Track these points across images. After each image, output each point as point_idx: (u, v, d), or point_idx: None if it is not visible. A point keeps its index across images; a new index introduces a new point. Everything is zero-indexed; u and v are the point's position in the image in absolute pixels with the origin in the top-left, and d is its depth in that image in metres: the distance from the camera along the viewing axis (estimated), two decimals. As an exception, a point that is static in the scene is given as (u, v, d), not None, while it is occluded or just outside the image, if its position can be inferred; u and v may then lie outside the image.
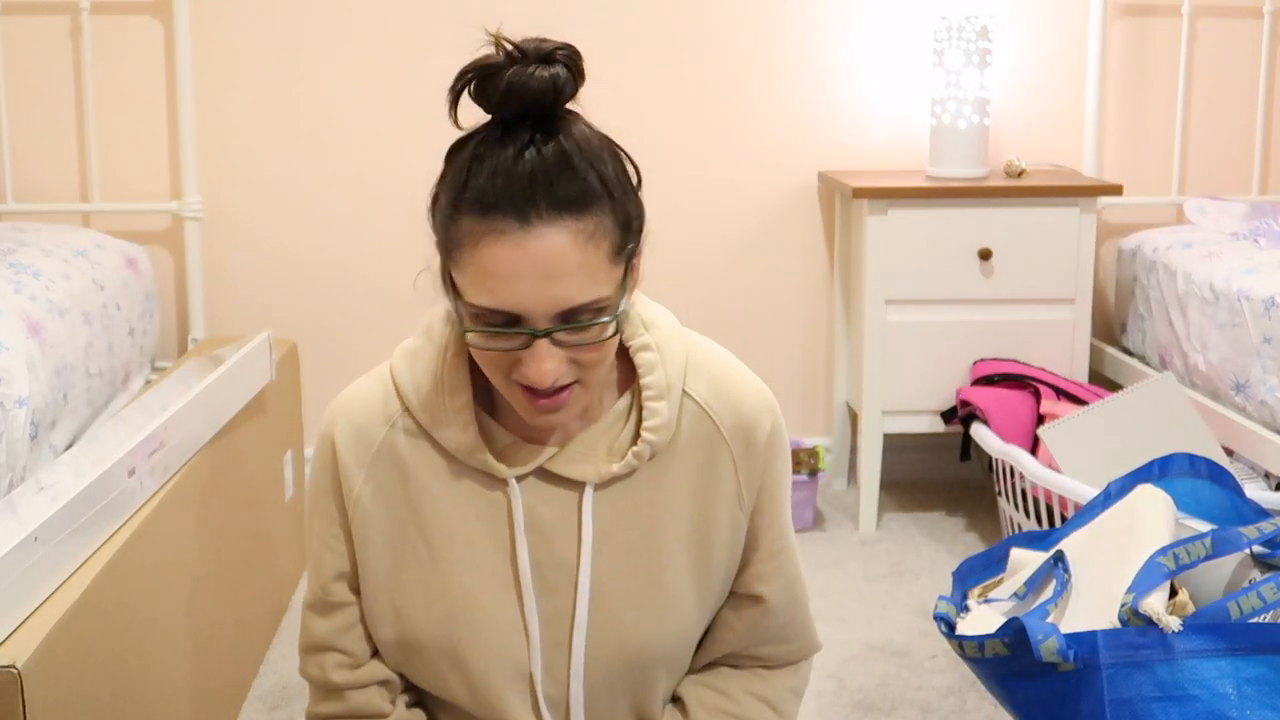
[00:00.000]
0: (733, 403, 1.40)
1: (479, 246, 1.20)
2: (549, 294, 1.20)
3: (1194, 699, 1.46)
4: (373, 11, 3.27)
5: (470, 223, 1.21)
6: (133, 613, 1.82)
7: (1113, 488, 1.88)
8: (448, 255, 1.25)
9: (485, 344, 1.24)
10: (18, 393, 2.00)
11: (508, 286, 1.20)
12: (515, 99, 1.22)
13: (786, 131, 3.40)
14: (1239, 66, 3.48)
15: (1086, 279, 3.15)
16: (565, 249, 1.20)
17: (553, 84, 1.23)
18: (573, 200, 1.20)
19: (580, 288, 1.21)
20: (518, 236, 1.19)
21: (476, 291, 1.22)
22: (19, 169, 3.22)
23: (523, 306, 1.21)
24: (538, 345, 1.22)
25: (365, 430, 1.38)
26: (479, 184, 1.21)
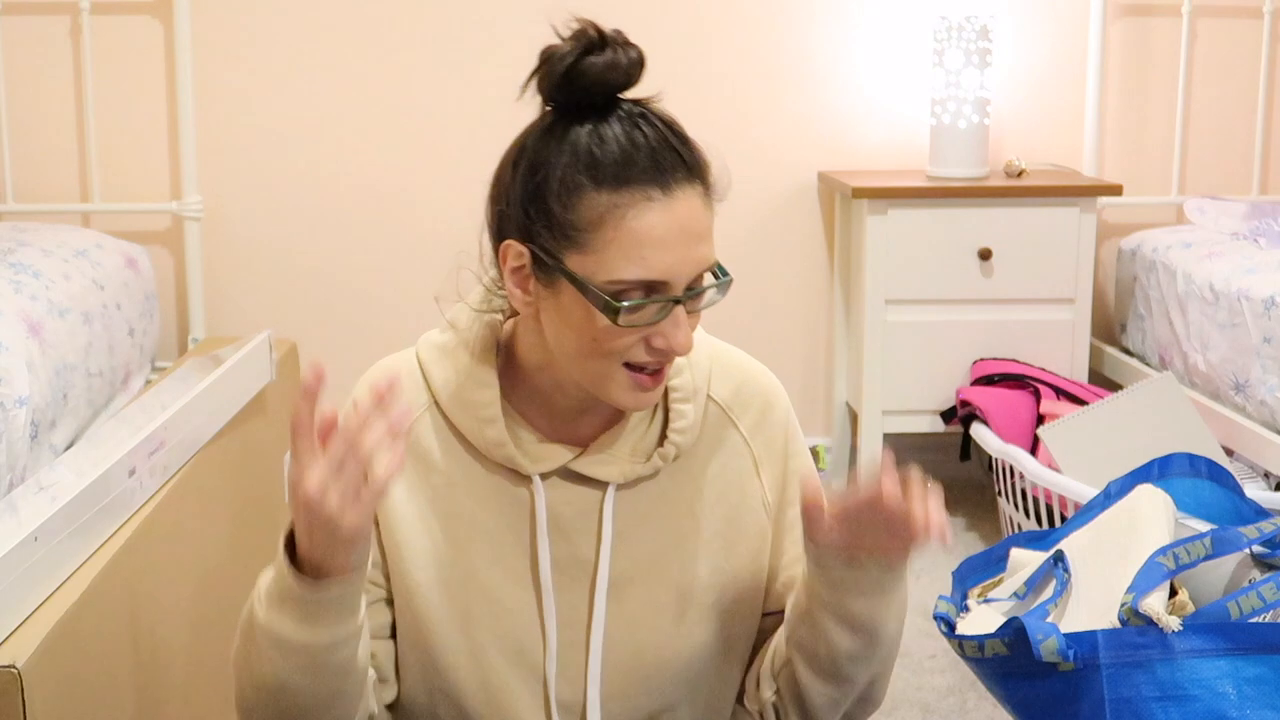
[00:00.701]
0: (755, 406, 1.42)
1: (624, 219, 1.22)
2: (694, 256, 1.24)
3: (1194, 699, 1.45)
4: (372, 12, 3.27)
5: (609, 195, 1.22)
6: (133, 613, 1.82)
7: (1113, 488, 1.88)
8: (571, 240, 1.23)
9: (636, 320, 1.24)
10: (18, 393, 2.00)
11: (661, 253, 1.22)
12: (615, 80, 1.26)
13: (786, 131, 3.40)
14: (1239, 66, 3.48)
15: (1086, 279, 3.15)
16: (700, 210, 1.25)
17: (640, 62, 1.28)
18: (696, 164, 1.26)
19: (709, 249, 1.26)
20: (665, 203, 1.22)
21: (624, 264, 1.22)
22: (19, 169, 3.22)
23: (672, 272, 1.23)
24: (677, 312, 1.24)
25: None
26: (611, 158, 1.23)
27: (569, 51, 1.25)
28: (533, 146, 1.27)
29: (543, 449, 1.35)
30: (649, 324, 1.24)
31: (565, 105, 1.27)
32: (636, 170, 1.22)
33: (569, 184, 1.23)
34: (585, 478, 1.36)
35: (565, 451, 1.35)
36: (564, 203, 1.23)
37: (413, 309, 3.39)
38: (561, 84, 1.25)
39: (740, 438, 1.41)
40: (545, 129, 1.27)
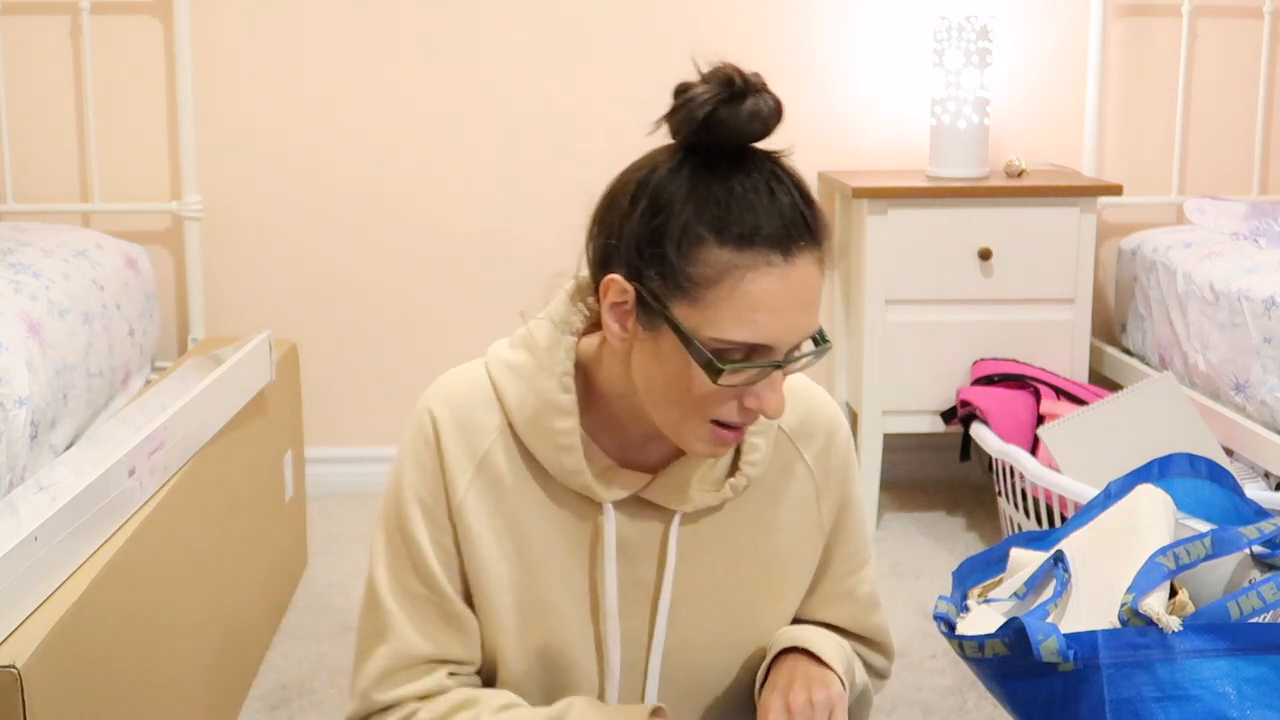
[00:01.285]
0: (821, 436, 1.42)
1: (744, 281, 1.19)
2: (803, 324, 1.23)
3: (1194, 699, 1.45)
4: (372, 12, 3.27)
5: (731, 255, 1.19)
6: (133, 613, 1.82)
7: (1113, 488, 1.88)
8: (683, 291, 1.21)
9: (736, 381, 1.22)
10: (18, 393, 2.00)
11: (773, 319, 1.20)
12: (753, 130, 1.22)
13: (786, 131, 3.39)
14: (1239, 66, 3.48)
15: (1086, 279, 3.15)
16: (815, 278, 1.23)
17: (778, 113, 1.23)
18: (820, 231, 1.23)
19: (816, 316, 1.25)
20: (784, 270, 1.20)
21: (734, 325, 1.20)
22: (19, 169, 3.22)
23: (781, 339, 1.21)
24: (775, 376, 1.23)
25: (472, 436, 1.35)
26: (739, 217, 1.20)
27: (710, 97, 1.21)
28: (657, 185, 1.24)
29: (614, 476, 1.34)
30: (745, 385, 1.23)
31: (697, 148, 1.23)
32: (763, 234, 1.19)
33: (691, 235, 1.20)
34: (653, 505, 1.36)
35: (635, 479, 1.35)
36: (683, 252, 1.20)
37: (413, 308, 3.39)
38: (699, 129, 1.22)
39: (806, 467, 1.41)
40: (673, 169, 1.24)
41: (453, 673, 1.36)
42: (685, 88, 1.23)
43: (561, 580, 1.36)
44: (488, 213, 3.34)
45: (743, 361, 1.21)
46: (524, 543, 1.35)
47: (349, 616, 2.70)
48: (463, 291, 3.37)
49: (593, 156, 3.32)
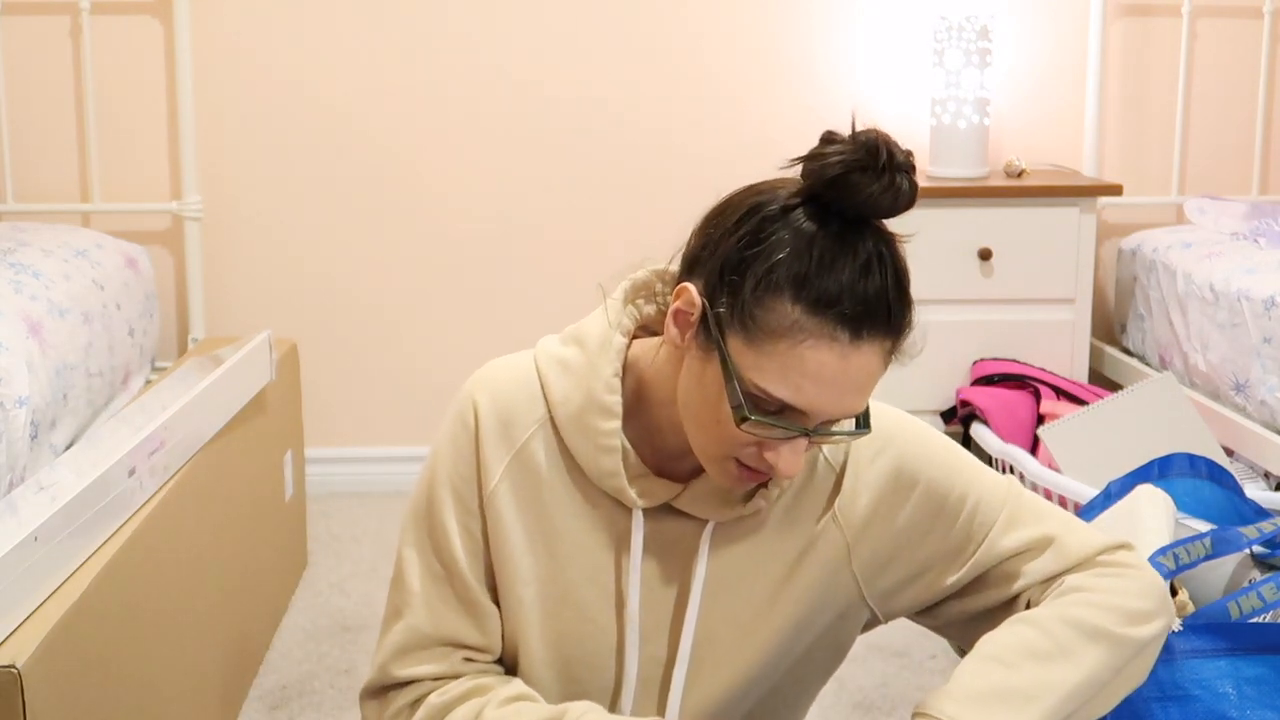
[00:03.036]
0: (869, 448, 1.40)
1: (803, 345, 1.19)
2: (848, 405, 1.23)
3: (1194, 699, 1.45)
4: (372, 12, 3.27)
5: (801, 315, 1.18)
6: (133, 613, 1.82)
7: (1113, 488, 1.88)
8: (749, 330, 1.21)
9: (759, 432, 1.22)
10: (18, 393, 2.00)
11: (818, 392, 1.20)
12: (880, 206, 1.20)
13: (786, 131, 3.40)
14: (1239, 66, 3.48)
15: (1086, 279, 3.15)
16: (874, 368, 1.23)
17: (911, 197, 1.21)
18: (895, 323, 1.22)
19: (865, 401, 1.25)
20: (846, 350, 1.19)
21: (779, 384, 1.20)
22: (19, 169, 3.22)
23: (817, 409, 1.21)
24: (798, 442, 1.23)
25: (511, 427, 1.35)
26: (824, 285, 1.18)
27: (846, 159, 1.19)
28: (765, 218, 1.23)
29: (650, 484, 1.34)
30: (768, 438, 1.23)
31: (819, 200, 1.22)
32: (838, 308, 1.18)
33: (773, 281, 1.20)
34: (684, 514, 1.35)
35: (668, 488, 1.34)
36: (758, 294, 1.20)
37: (413, 309, 3.39)
38: (827, 185, 1.20)
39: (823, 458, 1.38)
40: (786, 208, 1.23)
41: (469, 658, 1.37)
42: (830, 139, 1.22)
43: (588, 579, 1.36)
44: (488, 213, 3.34)
45: (771, 417, 1.21)
46: (554, 537, 1.35)
47: (349, 616, 2.70)
48: (463, 292, 3.37)
49: (592, 159, 3.32)
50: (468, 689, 1.34)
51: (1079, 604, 1.33)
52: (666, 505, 1.35)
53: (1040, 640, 1.30)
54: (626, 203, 3.35)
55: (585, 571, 1.36)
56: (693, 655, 1.37)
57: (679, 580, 1.37)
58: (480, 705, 1.32)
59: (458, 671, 1.36)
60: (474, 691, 1.34)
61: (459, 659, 1.36)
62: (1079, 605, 1.33)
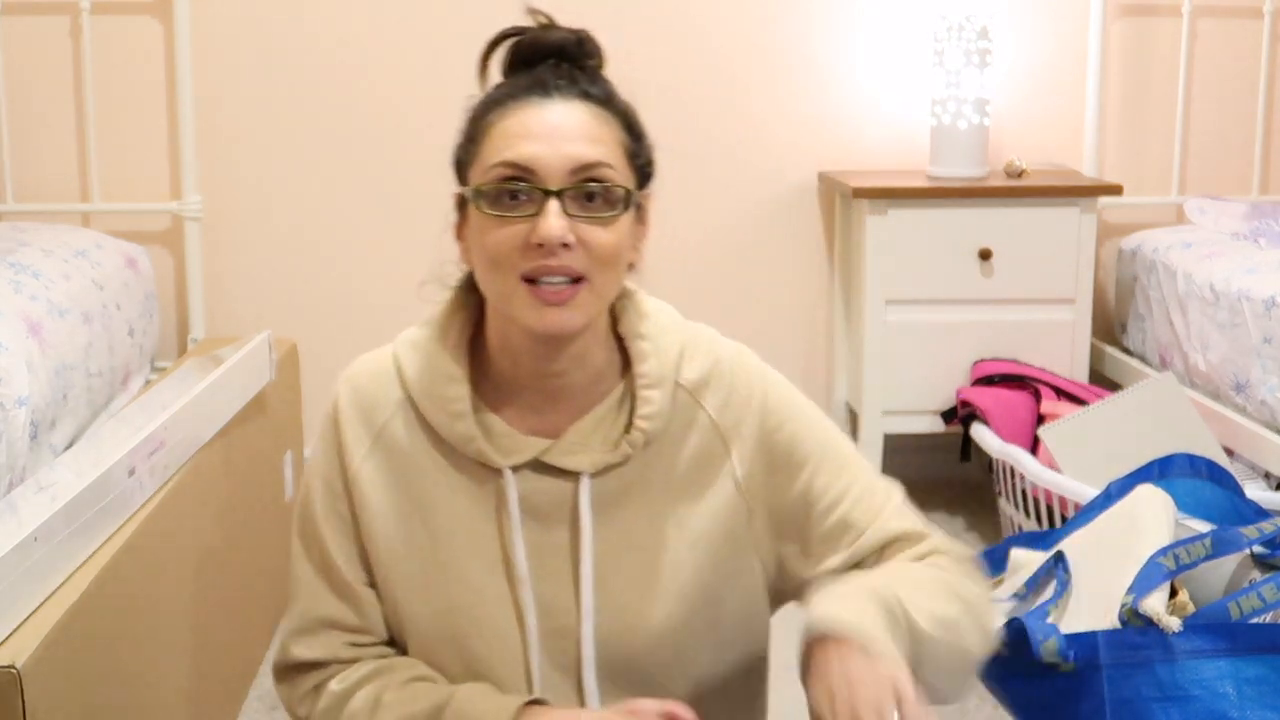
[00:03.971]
0: (723, 387, 1.42)
1: (505, 115, 1.31)
2: (563, 148, 1.28)
3: (1194, 699, 1.46)
4: (372, 11, 3.27)
5: (496, 111, 1.32)
6: (133, 613, 1.82)
7: (1113, 488, 1.88)
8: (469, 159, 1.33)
9: (498, 211, 1.29)
10: (18, 393, 2.00)
11: (525, 141, 1.28)
12: (541, 48, 1.34)
13: (786, 131, 3.40)
14: (1239, 66, 3.48)
15: (1086, 279, 3.15)
16: (582, 117, 1.31)
17: (578, 36, 1.35)
18: (592, 94, 1.33)
19: (593, 149, 1.29)
20: (537, 104, 1.30)
21: (493, 154, 1.29)
22: (19, 169, 3.21)
23: (538, 159, 1.27)
24: (549, 204, 1.27)
25: (371, 411, 1.40)
26: (507, 85, 1.34)
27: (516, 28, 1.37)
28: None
29: (513, 441, 1.36)
30: (522, 217, 1.28)
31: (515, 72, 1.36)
32: (527, 84, 1.32)
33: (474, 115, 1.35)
34: (558, 469, 1.37)
35: (536, 443, 1.36)
36: (467, 132, 1.34)
37: (413, 309, 3.39)
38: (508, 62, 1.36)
39: (708, 419, 1.40)
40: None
41: (353, 642, 1.41)
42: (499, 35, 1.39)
43: (473, 550, 1.37)
44: (488, 213, 3.34)
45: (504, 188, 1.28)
46: (428, 512, 1.38)
47: (349, 616, 2.70)
48: (463, 291, 3.37)
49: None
50: (366, 673, 1.38)
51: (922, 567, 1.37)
52: (541, 465, 1.36)
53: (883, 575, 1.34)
54: (626, 203, 3.35)
55: (467, 544, 1.37)
56: (598, 613, 1.37)
57: (569, 540, 1.37)
58: (379, 689, 1.36)
59: (342, 656, 1.40)
60: (372, 675, 1.38)
61: (341, 642, 1.41)
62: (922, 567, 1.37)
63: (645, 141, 1.38)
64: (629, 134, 1.35)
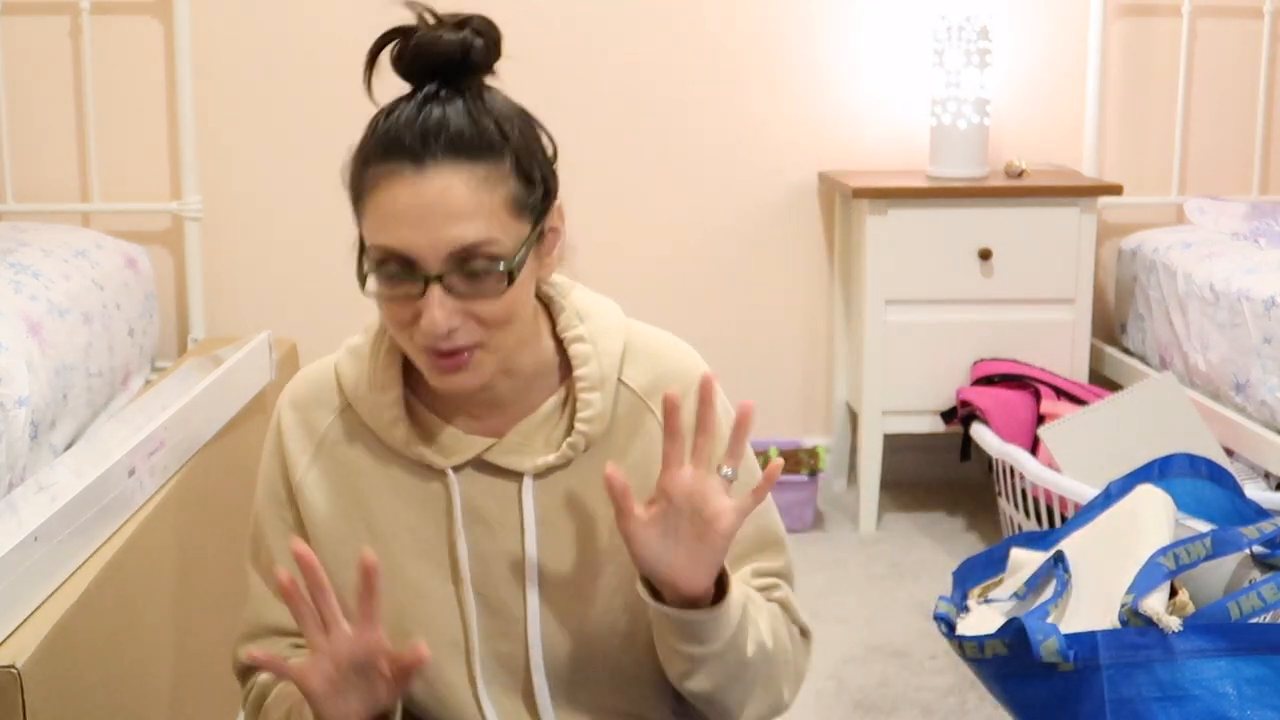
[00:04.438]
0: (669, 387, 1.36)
1: (378, 189, 1.26)
2: (438, 234, 1.23)
3: (1194, 699, 1.46)
4: (372, 11, 3.26)
5: (373, 169, 1.27)
6: (133, 613, 1.82)
7: (1113, 488, 1.88)
8: (356, 209, 1.31)
9: (383, 291, 1.27)
10: (18, 393, 2.00)
11: (400, 226, 1.24)
12: (425, 57, 1.28)
13: (786, 131, 3.40)
14: (1239, 66, 3.48)
15: (1086, 279, 3.15)
16: (458, 190, 1.23)
17: (461, 45, 1.28)
18: (468, 145, 1.25)
19: (471, 229, 1.23)
20: (412, 178, 1.24)
21: (373, 233, 1.26)
22: (19, 169, 3.21)
23: (414, 247, 1.23)
24: (430, 292, 1.24)
25: (312, 420, 1.41)
26: (383, 131, 1.28)
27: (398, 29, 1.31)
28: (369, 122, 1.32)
29: (455, 441, 1.36)
30: (408, 300, 1.25)
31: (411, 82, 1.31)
32: (399, 143, 1.25)
33: (359, 153, 1.32)
34: (501, 469, 1.37)
35: (478, 442, 1.36)
36: (354, 169, 1.32)
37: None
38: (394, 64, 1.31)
39: (657, 423, 1.38)
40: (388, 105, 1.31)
41: (296, 644, 1.41)
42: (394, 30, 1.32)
43: (418, 552, 1.38)
44: (488, 213, 3.34)
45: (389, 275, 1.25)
46: (373, 517, 1.38)
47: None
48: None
49: (590, 161, 3.31)
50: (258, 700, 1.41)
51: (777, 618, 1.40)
52: (485, 465, 1.36)
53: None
54: (626, 204, 3.35)
55: (412, 546, 1.38)
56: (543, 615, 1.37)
57: (514, 541, 1.37)
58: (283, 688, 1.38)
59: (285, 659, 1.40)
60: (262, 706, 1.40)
61: (284, 644, 1.41)
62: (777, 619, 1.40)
63: (538, 166, 1.31)
64: (516, 176, 1.27)
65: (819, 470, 3.21)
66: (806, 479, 3.18)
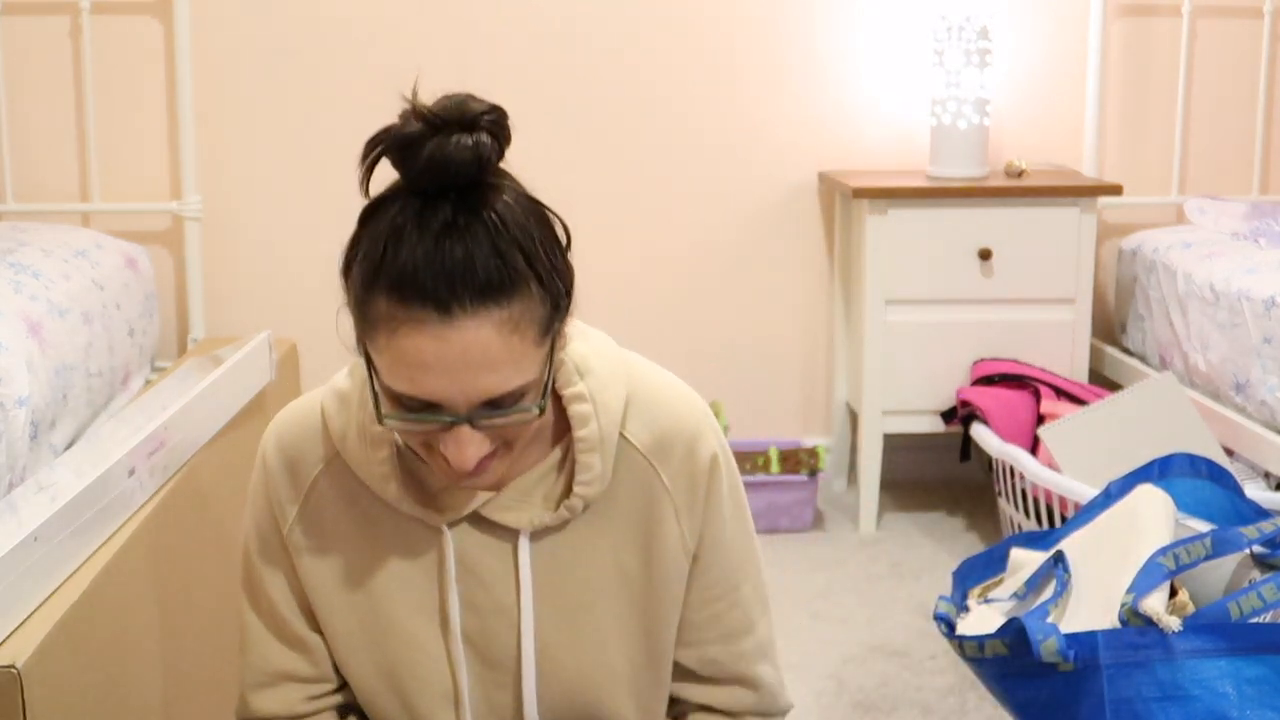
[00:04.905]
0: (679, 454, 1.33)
1: (396, 335, 1.14)
2: (471, 387, 1.14)
3: (1194, 699, 1.46)
4: (372, 11, 3.27)
5: (388, 306, 1.14)
6: (133, 613, 1.82)
7: (1113, 488, 1.88)
8: (363, 329, 1.19)
9: (404, 428, 1.20)
10: (18, 393, 2.00)
11: (428, 378, 1.13)
12: (436, 172, 1.14)
13: (786, 131, 3.40)
14: (1239, 66, 3.48)
15: (1086, 279, 3.15)
16: (489, 341, 1.13)
17: (475, 153, 1.15)
18: (496, 288, 1.12)
19: (504, 379, 1.15)
20: (438, 329, 1.12)
21: (394, 378, 1.16)
22: (19, 169, 3.22)
23: (444, 397, 1.15)
24: (459, 431, 1.16)
25: (298, 470, 1.35)
26: (397, 266, 1.13)
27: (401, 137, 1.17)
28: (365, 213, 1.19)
29: (450, 497, 1.31)
30: (431, 431, 1.17)
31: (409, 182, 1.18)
32: (420, 287, 1.12)
33: (363, 276, 1.18)
34: (496, 525, 1.32)
35: (473, 498, 1.30)
36: (359, 294, 1.18)
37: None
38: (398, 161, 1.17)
39: (662, 486, 1.33)
40: (383, 199, 1.18)
41: (311, 695, 1.38)
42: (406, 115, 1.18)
43: (414, 609, 1.34)
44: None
45: (412, 413, 1.16)
46: (366, 572, 1.34)
47: (349, 616, 2.70)
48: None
49: (589, 162, 3.31)
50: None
51: None
52: (481, 520, 1.31)
53: None
54: (626, 204, 3.35)
55: (408, 602, 1.34)
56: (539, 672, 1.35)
57: (510, 597, 1.33)
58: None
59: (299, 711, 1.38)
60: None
61: (298, 696, 1.38)
62: None
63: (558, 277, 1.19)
64: (541, 300, 1.16)
65: (819, 470, 3.21)
66: (806, 479, 3.18)
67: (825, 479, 3.47)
